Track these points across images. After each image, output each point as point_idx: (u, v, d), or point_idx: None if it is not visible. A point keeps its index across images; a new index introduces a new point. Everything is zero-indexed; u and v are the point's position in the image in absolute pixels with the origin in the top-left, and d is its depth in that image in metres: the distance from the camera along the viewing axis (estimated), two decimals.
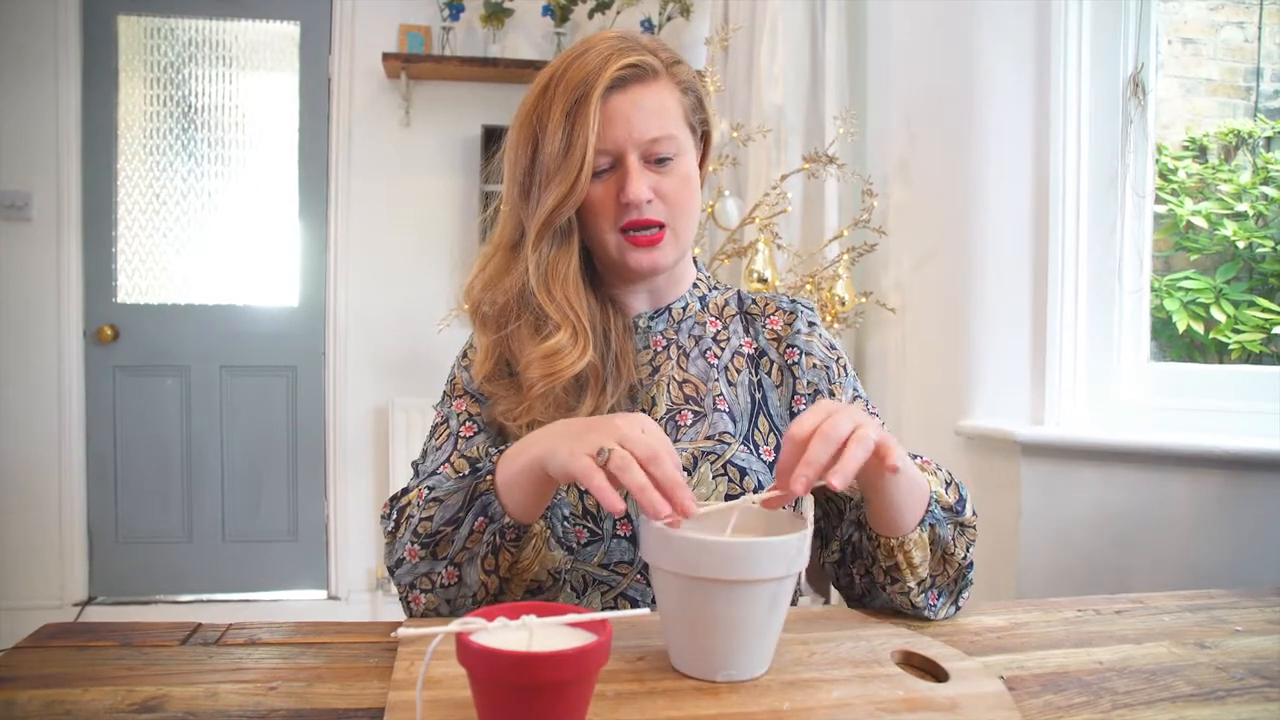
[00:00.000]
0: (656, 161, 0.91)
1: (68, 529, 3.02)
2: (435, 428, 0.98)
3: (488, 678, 0.53)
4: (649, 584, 0.92)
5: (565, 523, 0.87)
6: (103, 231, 3.04)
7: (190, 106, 3.10)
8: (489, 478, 0.79)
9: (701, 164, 0.99)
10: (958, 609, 0.87)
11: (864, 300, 2.24)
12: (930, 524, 0.82)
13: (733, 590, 0.64)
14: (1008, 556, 1.76)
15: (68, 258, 2.98)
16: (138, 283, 3.10)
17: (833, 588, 0.99)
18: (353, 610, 3.11)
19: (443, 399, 1.01)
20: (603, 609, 0.91)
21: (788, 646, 0.73)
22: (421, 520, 0.82)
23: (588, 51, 0.89)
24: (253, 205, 3.15)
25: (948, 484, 0.86)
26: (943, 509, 0.83)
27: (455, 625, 0.54)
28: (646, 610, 0.71)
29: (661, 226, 0.91)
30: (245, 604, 3.11)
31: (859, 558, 0.87)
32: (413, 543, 0.82)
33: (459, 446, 0.93)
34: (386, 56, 2.95)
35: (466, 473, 0.82)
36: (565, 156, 0.87)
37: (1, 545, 2.96)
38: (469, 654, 0.53)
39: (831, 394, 0.99)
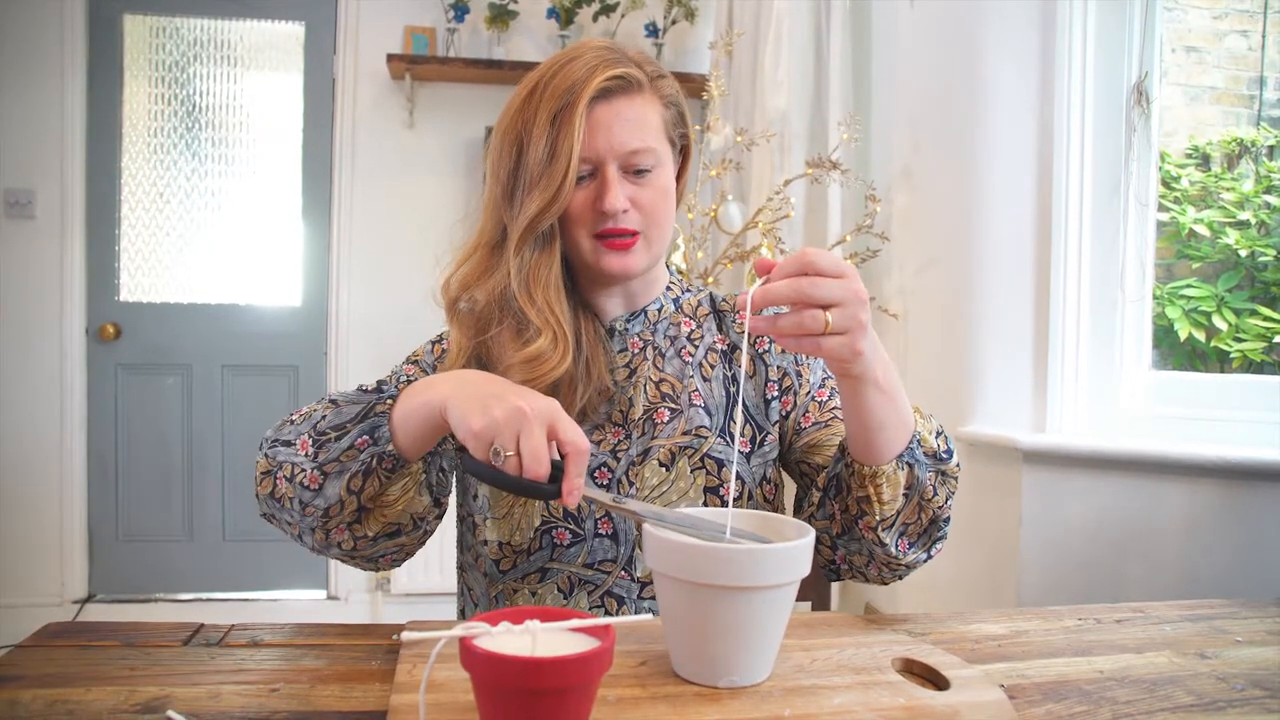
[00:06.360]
0: (635, 173, 0.92)
1: (68, 526, 3.02)
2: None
3: (491, 682, 0.54)
4: (633, 580, 0.94)
5: (441, 473, 0.90)
6: (106, 230, 3.04)
7: (195, 106, 3.10)
8: (389, 401, 0.80)
9: (680, 177, 1.01)
10: (929, 557, 0.88)
11: None
12: (909, 463, 0.82)
13: (737, 596, 0.64)
14: (1008, 563, 1.76)
15: (71, 255, 2.98)
16: (140, 281, 3.10)
17: (827, 582, 0.99)
18: (352, 610, 3.11)
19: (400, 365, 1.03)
20: (590, 609, 0.93)
21: (789, 652, 0.74)
22: (321, 417, 0.82)
23: (574, 60, 0.90)
24: (256, 205, 3.16)
25: (937, 434, 0.85)
26: (926, 454, 0.83)
27: (459, 630, 0.55)
28: (649, 616, 0.71)
29: (636, 234, 0.93)
30: (245, 603, 3.11)
31: (840, 493, 0.87)
32: (309, 435, 0.82)
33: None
34: (391, 57, 2.95)
35: (370, 388, 0.84)
36: (549, 164, 0.88)
37: (2, 542, 2.96)
38: (473, 658, 0.53)
39: (799, 374, 1.01)
